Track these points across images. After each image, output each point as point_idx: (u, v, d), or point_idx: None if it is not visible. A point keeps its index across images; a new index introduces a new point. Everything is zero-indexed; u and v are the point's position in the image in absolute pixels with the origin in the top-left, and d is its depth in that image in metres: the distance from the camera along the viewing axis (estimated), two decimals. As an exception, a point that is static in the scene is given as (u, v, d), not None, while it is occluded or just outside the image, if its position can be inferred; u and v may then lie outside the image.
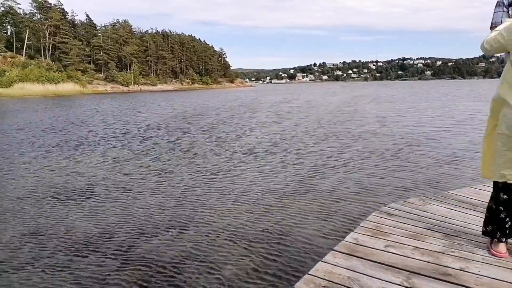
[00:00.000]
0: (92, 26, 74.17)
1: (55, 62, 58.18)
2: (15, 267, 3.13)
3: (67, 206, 4.70)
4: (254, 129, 12.18)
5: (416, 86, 71.58)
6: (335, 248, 2.13)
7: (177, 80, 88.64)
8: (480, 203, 2.91)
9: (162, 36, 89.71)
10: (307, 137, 10.07)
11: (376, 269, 1.88)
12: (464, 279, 1.79)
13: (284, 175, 6.02)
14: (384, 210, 2.73)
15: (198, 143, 9.48)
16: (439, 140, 9.15)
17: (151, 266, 3.09)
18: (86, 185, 5.67)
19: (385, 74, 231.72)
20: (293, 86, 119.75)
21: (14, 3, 58.74)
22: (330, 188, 5.24)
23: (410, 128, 11.43)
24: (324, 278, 1.81)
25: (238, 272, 2.93)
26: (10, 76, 45.58)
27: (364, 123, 13.09)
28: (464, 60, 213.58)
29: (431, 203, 2.90)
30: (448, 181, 5.46)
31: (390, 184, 5.40)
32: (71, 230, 3.89)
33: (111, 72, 66.93)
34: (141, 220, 4.17)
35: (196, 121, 14.97)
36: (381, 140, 9.28)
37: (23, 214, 4.42)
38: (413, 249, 2.11)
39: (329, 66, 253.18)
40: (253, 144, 9.17)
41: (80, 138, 10.55)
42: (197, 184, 5.61)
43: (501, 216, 2.04)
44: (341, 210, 4.31)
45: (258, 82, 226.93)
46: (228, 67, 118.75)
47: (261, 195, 5.01)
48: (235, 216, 4.22)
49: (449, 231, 2.36)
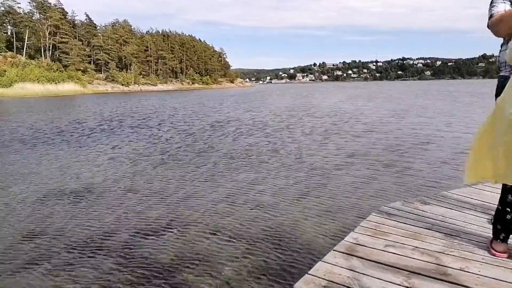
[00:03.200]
0: (92, 26, 74.23)
1: (55, 62, 58.24)
2: (14, 267, 3.13)
3: (68, 206, 4.70)
4: (252, 133, 12.19)
5: (429, 85, 71.08)
6: (335, 248, 2.13)
7: (177, 80, 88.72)
8: (480, 203, 2.91)
9: (162, 36, 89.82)
10: (307, 137, 10.08)
11: (376, 269, 1.88)
12: (464, 279, 1.79)
13: (284, 175, 6.03)
14: (384, 210, 2.73)
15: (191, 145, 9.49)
16: (439, 140, 9.16)
17: (151, 266, 3.09)
18: (86, 185, 5.67)
19: (385, 74, 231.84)
20: (294, 86, 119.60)
21: (14, 2, 58.82)
22: (330, 188, 5.24)
23: (410, 128, 11.43)
24: (324, 278, 1.81)
25: (238, 272, 2.94)
26: (10, 76, 45.59)
27: (365, 123, 13.10)
28: (464, 60, 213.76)
29: (431, 203, 2.90)
30: (448, 181, 5.46)
31: (390, 184, 5.40)
32: (71, 230, 3.90)
33: (111, 72, 67.00)
34: (141, 220, 4.17)
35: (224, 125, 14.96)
36: (382, 140, 9.28)
37: (23, 214, 4.42)
38: (413, 249, 2.11)
39: (329, 66, 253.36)
40: (254, 147, 9.18)
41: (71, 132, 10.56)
42: (197, 184, 5.62)
43: (507, 218, 2.04)
44: (341, 210, 4.31)
45: (258, 82, 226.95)
46: (228, 67, 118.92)
47: (261, 195, 5.01)
48: (235, 216, 4.22)
49: (449, 231, 2.36)
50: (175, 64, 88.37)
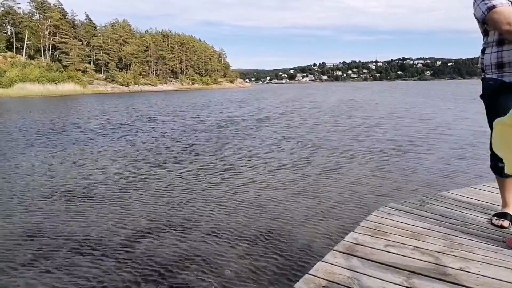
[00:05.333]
0: (92, 26, 74.23)
1: (55, 62, 58.26)
2: (14, 267, 3.13)
3: (68, 205, 4.70)
4: (249, 135, 12.18)
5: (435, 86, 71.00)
6: (335, 248, 2.13)
7: (177, 80, 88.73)
8: (479, 203, 2.91)
9: (162, 36, 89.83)
10: (308, 138, 10.08)
11: (376, 269, 1.88)
12: (464, 279, 1.79)
13: (284, 175, 6.03)
14: (384, 210, 2.73)
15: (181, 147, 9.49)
16: (439, 140, 9.16)
17: (151, 266, 3.09)
18: (86, 185, 5.67)
19: (385, 74, 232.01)
20: (294, 86, 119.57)
21: (14, 3, 58.84)
22: (329, 188, 5.24)
23: (411, 128, 11.44)
24: (324, 278, 1.81)
25: (238, 272, 2.94)
26: (10, 76, 45.60)
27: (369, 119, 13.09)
28: (463, 60, 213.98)
29: (431, 203, 2.90)
30: (448, 181, 5.46)
31: (390, 183, 5.40)
32: (71, 230, 3.90)
33: (111, 72, 67.01)
34: (141, 220, 4.17)
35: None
36: (381, 140, 9.28)
37: (23, 214, 4.42)
38: (413, 249, 2.11)
39: (329, 66, 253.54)
40: (257, 146, 9.18)
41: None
42: (196, 184, 5.62)
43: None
44: (341, 210, 4.32)
45: (258, 82, 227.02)
46: (228, 67, 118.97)
47: (261, 195, 5.01)
48: (235, 215, 4.23)
49: (449, 231, 2.36)
50: (175, 64, 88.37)
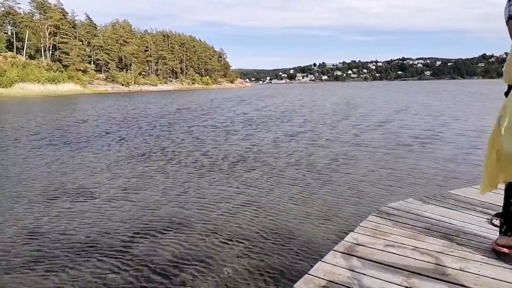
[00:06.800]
0: (92, 26, 74.21)
1: (55, 62, 58.26)
2: (14, 267, 3.13)
3: (68, 206, 4.70)
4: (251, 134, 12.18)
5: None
6: (335, 248, 2.13)
7: (178, 80, 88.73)
8: (479, 203, 2.92)
9: (162, 36, 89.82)
10: (307, 138, 10.08)
11: (376, 269, 1.89)
12: (463, 279, 1.79)
13: (283, 175, 6.03)
14: (384, 210, 2.74)
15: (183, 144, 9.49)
16: (440, 139, 9.16)
17: (151, 266, 3.09)
18: (86, 185, 5.67)
19: (385, 74, 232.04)
20: (294, 86, 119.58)
21: (14, 3, 58.84)
22: (329, 188, 5.25)
23: (411, 128, 11.44)
24: (324, 278, 1.81)
25: (238, 272, 2.94)
26: (10, 76, 45.60)
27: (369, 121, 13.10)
28: (463, 60, 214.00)
29: (431, 203, 2.91)
30: (448, 181, 5.47)
31: (390, 183, 5.40)
32: (71, 230, 3.90)
33: (111, 72, 67.01)
34: (141, 220, 4.17)
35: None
36: (381, 139, 9.28)
37: (23, 214, 4.42)
38: (412, 249, 2.11)
39: (329, 66, 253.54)
40: (257, 146, 9.18)
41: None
42: (196, 184, 5.62)
43: (511, 210, 2.01)
44: (340, 210, 4.32)
45: (258, 82, 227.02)
46: (228, 67, 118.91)
47: (261, 195, 5.01)
48: (235, 215, 4.23)
49: (449, 231, 2.36)
50: (175, 64, 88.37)
